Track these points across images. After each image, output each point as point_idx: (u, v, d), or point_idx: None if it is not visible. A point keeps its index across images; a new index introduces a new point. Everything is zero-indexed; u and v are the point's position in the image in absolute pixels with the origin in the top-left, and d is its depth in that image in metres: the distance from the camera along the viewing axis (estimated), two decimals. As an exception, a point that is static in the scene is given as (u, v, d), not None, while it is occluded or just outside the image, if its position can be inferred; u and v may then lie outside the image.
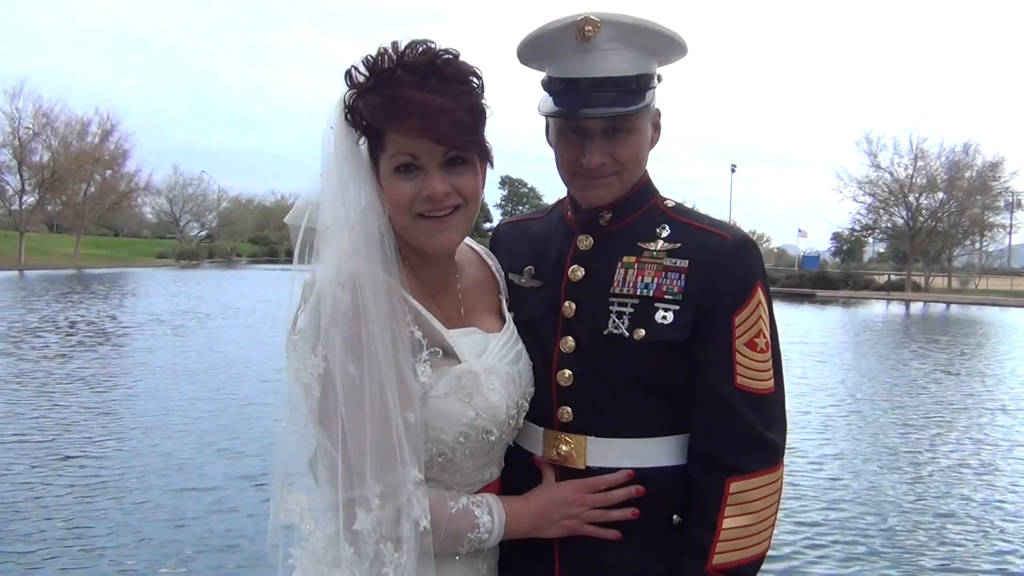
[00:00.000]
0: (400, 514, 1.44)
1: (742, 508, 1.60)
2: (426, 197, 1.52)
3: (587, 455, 1.67)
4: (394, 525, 1.44)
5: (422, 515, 1.45)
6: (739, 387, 1.62)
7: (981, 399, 12.80)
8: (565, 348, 1.70)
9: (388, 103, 1.48)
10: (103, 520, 6.06)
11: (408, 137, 1.49)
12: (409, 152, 1.51)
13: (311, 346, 1.46)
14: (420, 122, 1.47)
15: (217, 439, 8.51)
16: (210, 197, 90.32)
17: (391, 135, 1.51)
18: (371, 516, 1.43)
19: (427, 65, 1.50)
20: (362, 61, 1.53)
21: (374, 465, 1.43)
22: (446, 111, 1.48)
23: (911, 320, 32.29)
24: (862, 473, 8.08)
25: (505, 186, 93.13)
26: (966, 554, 5.99)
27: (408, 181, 1.52)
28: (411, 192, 1.52)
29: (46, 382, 11.49)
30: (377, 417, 1.44)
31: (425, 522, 1.45)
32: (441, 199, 1.53)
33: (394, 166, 1.52)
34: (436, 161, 1.52)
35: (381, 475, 1.43)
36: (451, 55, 1.53)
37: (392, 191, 1.53)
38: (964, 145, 53.85)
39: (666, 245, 1.70)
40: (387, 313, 1.48)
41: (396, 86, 1.48)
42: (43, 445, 8.11)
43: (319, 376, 1.45)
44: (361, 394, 1.43)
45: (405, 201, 1.53)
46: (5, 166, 57.87)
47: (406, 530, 1.44)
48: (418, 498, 1.45)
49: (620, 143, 1.66)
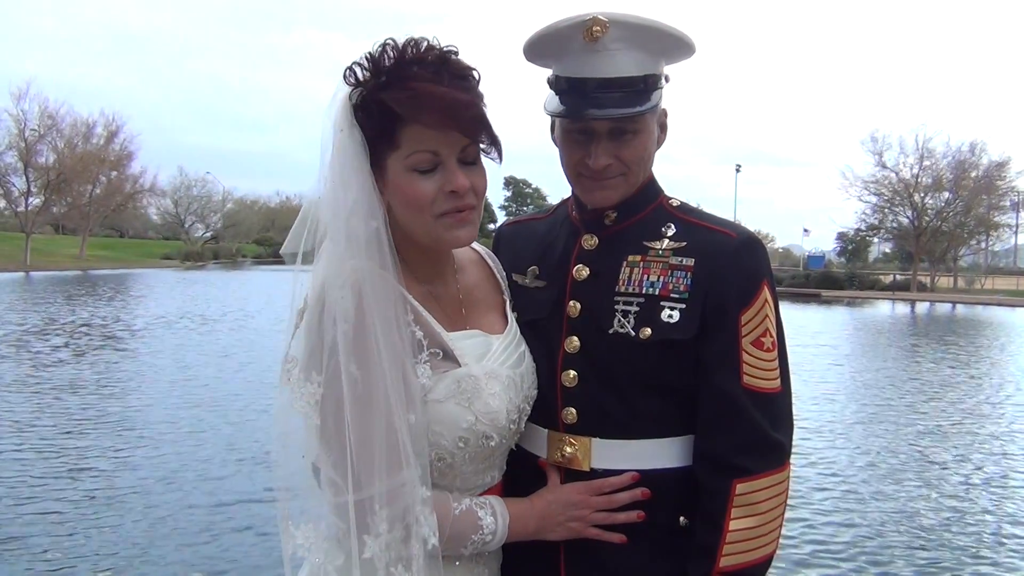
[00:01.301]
0: (408, 534, 1.43)
1: (749, 510, 1.59)
2: (450, 193, 1.50)
3: (592, 457, 1.66)
4: (403, 546, 1.42)
5: (430, 533, 1.44)
6: (746, 386, 1.61)
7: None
8: (570, 348, 1.69)
9: (412, 97, 1.46)
10: (111, 536, 5.83)
11: (435, 130, 1.47)
12: (430, 148, 1.49)
13: (306, 373, 1.45)
14: (447, 114, 1.46)
15: (231, 449, 8.20)
16: (215, 198, 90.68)
17: (408, 132, 1.48)
18: (379, 541, 1.41)
19: (440, 59, 1.50)
20: (365, 58, 1.51)
21: (380, 466, 1.42)
22: (468, 104, 1.48)
23: (920, 321, 32.06)
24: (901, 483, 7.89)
25: (509, 186, 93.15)
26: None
27: (428, 179, 1.50)
28: (432, 190, 1.50)
29: (41, 388, 11.23)
30: (382, 418, 1.42)
31: (434, 539, 1.44)
32: (465, 194, 1.52)
33: (412, 164, 1.50)
34: (455, 157, 1.51)
35: (387, 476, 1.42)
36: (455, 52, 1.53)
37: (411, 190, 1.51)
38: (970, 144, 53.79)
39: (672, 244, 1.69)
40: (389, 311, 1.46)
41: (413, 80, 1.47)
42: (45, 457, 7.91)
43: (316, 403, 1.44)
44: (365, 395, 1.42)
45: (427, 199, 1.51)
46: (11, 168, 58.16)
47: (415, 550, 1.42)
48: (425, 516, 1.44)
49: (626, 144, 1.65)
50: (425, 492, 1.45)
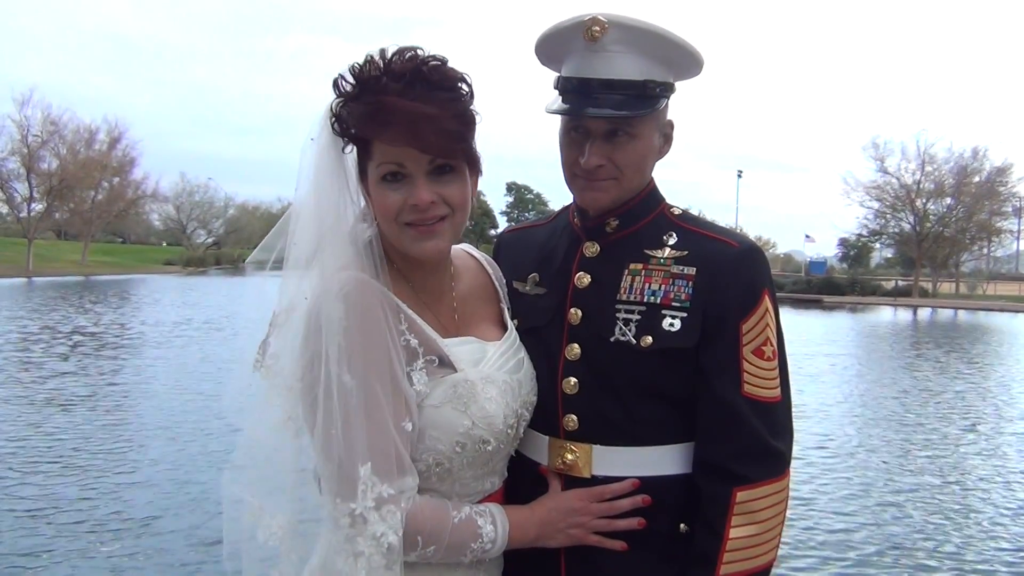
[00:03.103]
0: (362, 530, 1.41)
1: (749, 517, 1.59)
2: (412, 206, 1.51)
3: (593, 464, 1.66)
4: (351, 543, 1.41)
5: (389, 531, 1.42)
6: (746, 395, 1.61)
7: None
8: (571, 355, 1.69)
9: (373, 111, 1.47)
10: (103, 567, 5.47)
11: (393, 146, 1.48)
12: (395, 161, 1.50)
13: (291, 378, 1.49)
14: (405, 130, 1.46)
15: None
16: (217, 204, 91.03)
17: (377, 143, 1.50)
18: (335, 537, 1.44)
19: (413, 72, 1.49)
20: (349, 69, 1.52)
21: (372, 474, 1.42)
22: (432, 118, 1.46)
23: (924, 327, 32.01)
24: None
25: (511, 192, 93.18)
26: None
27: (395, 190, 1.51)
28: (398, 201, 1.51)
29: (34, 400, 10.92)
30: (375, 426, 1.43)
31: (393, 538, 1.42)
32: (427, 208, 1.51)
33: (381, 174, 1.52)
34: (423, 169, 1.51)
35: (381, 484, 1.42)
36: (438, 61, 1.52)
37: (380, 199, 1.53)
38: (972, 150, 53.95)
39: (673, 252, 1.69)
40: (382, 321, 1.47)
41: (381, 93, 1.47)
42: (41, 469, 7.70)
43: (294, 399, 1.48)
44: (358, 404, 1.42)
45: (392, 210, 1.52)
46: (14, 174, 58.51)
47: (362, 546, 1.41)
48: (383, 514, 1.42)
49: (620, 147, 1.65)
50: (388, 490, 1.42)
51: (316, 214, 1.53)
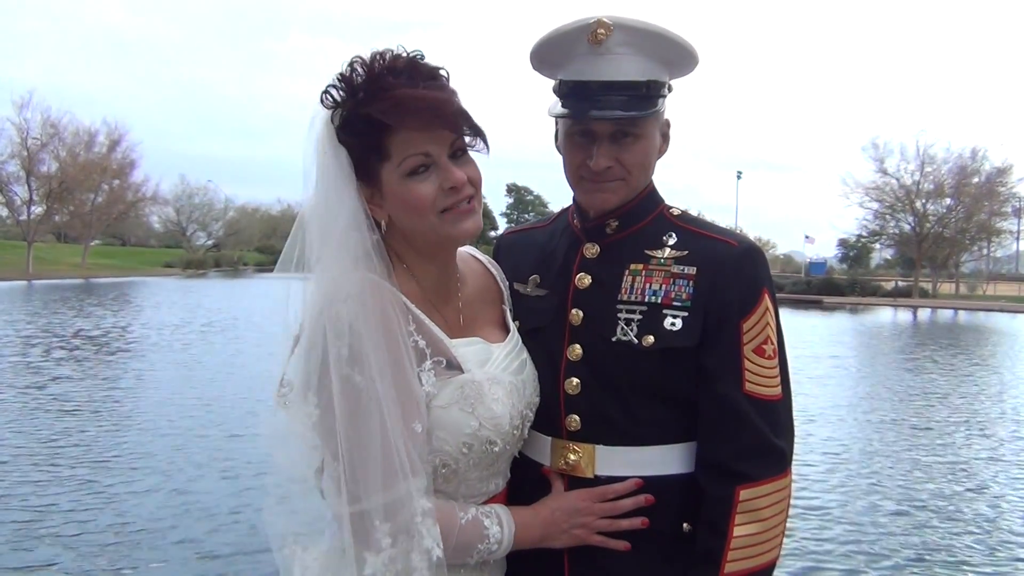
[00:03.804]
0: (412, 547, 1.43)
1: (752, 516, 1.59)
2: (449, 189, 1.54)
3: (595, 464, 1.67)
4: (407, 559, 1.43)
5: (434, 544, 1.44)
6: (747, 393, 1.62)
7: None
8: (572, 356, 1.70)
9: (391, 106, 1.49)
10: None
11: (422, 132, 1.50)
12: (420, 151, 1.52)
13: (304, 393, 1.48)
14: (430, 114, 1.50)
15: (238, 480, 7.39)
16: (216, 206, 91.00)
17: (396, 140, 1.51)
18: (381, 557, 1.42)
19: (410, 65, 1.53)
20: (337, 79, 1.54)
21: (379, 479, 1.42)
22: (446, 101, 1.53)
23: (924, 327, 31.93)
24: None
25: (511, 193, 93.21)
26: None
27: (425, 181, 1.53)
28: (432, 190, 1.53)
29: (30, 405, 10.77)
30: (382, 428, 1.43)
31: (438, 551, 1.44)
32: (463, 187, 1.55)
33: (407, 170, 1.52)
34: (445, 154, 1.54)
35: (385, 489, 1.42)
36: (420, 56, 1.57)
37: (410, 195, 1.53)
38: (971, 151, 53.82)
39: (673, 253, 1.70)
40: (391, 322, 1.48)
41: (392, 88, 1.50)
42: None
43: (314, 424, 1.47)
44: (366, 405, 1.43)
45: (428, 200, 1.53)
46: (13, 176, 58.45)
47: (417, 562, 1.43)
48: (428, 527, 1.44)
49: (627, 148, 1.66)
50: (427, 503, 1.45)
51: (322, 225, 1.54)
